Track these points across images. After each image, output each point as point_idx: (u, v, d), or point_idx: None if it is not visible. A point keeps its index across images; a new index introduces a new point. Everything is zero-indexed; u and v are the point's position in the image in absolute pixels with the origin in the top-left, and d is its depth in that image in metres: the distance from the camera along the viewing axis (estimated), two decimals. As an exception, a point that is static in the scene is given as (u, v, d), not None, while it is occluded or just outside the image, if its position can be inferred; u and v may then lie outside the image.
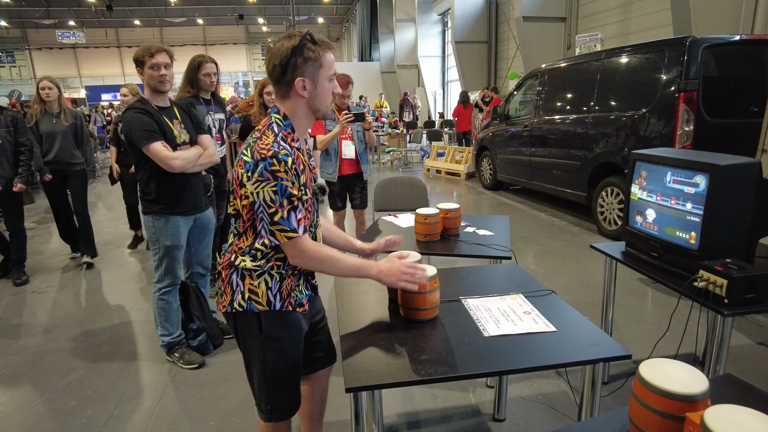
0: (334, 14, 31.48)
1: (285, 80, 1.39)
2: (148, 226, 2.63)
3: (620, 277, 3.90)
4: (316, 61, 1.38)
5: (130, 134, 2.46)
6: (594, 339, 1.45)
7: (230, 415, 2.38)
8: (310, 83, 1.40)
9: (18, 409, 2.49)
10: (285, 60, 1.35)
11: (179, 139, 2.59)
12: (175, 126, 2.60)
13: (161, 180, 2.54)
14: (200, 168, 2.69)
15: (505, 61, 13.51)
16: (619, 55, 5.04)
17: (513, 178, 7.15)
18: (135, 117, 2.46)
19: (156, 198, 2.57)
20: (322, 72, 1.40)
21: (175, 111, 2.66)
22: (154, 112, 2.52)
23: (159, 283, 2.70)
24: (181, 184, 2.61)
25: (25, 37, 32.02)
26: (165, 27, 32.45)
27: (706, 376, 1.00)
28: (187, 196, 2.65)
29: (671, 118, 4.31)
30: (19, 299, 3.95)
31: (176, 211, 2.61)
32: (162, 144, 2.47)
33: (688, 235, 1.92)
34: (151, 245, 2.68)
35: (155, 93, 2.55)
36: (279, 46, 1.36)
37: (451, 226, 2.59)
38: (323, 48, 1.39)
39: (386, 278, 1.49)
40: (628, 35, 8.55)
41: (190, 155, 2.57)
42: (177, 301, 2.79)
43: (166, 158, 2.45)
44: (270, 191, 1.33)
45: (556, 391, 2.47)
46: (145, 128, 2.44)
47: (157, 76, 2.47)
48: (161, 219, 2.59)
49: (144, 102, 2.55)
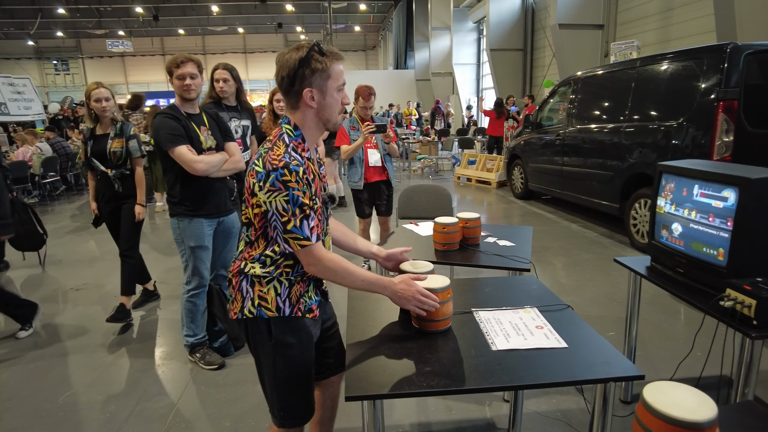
0: (370, 23, 31.79)
1: (293, 91, 1.41)
2: (174, 228, 2.72)
3: (651, 292, 3.76)
4: (323, 71, 1.39)
5: (157, 137, 2.57)
6: (606, 357, 1.40)
7: (245, 417, 2.41)
8: (318, 94, 1.41)
9: (46, 402, 2.60)
10: (293, 71, 1.37)
11: (205, 145, 2.68)
12: (202, 132, 2.69)
13: (186, 183, 2.64)
14: (225, 173, 2.75)
15: (541, 69, 13.32)
16: (655, 63, 4.88)
17: (544, 188, 7.02)
18: (163, 121, 2.57)
19: (181, 200, 2.66)
20: (330, 83, 1.41)
21: (204, 118, 2.75)
22: (182, 118, 2.63)
23: (188, 285, 2.79)
24: (206, 187, 2.69)
25: (79, 46, 33.75)
26: (207, 35, 33.55)
27: (715, 402, 0.95)
28: (211, 200, 2.72)
29: (709, 128, 4.13)
30: (57, 296, 4.13)
31: (200, 213, 2.69)
32: (187, 147, 2.56)
33: (716, 252, 1.83)
34: (177, 247, 2.77)
35: (184, 101, 2.65)
36: (287, 58, 1.38)
37: (471, 236, 2.55)
38: (331, 59, 1.40)
39: (399, 300, 1.50)
40: (669, 42, 8.29)
41: (214, 160, 2.65)
42: (204, 304, 2.87)
43: (189, 161, 2.54)
44: (282, 201, 1.35)
45: (575, 408, 2.39)
46: (172, 132, 2.54)
47: (183, 86, 2.58)
48: (185, 220, 2.68)
49: (174, 108, 2.66)
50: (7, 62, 32.17)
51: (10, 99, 10.40)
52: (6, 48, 32.19)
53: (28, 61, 33.23)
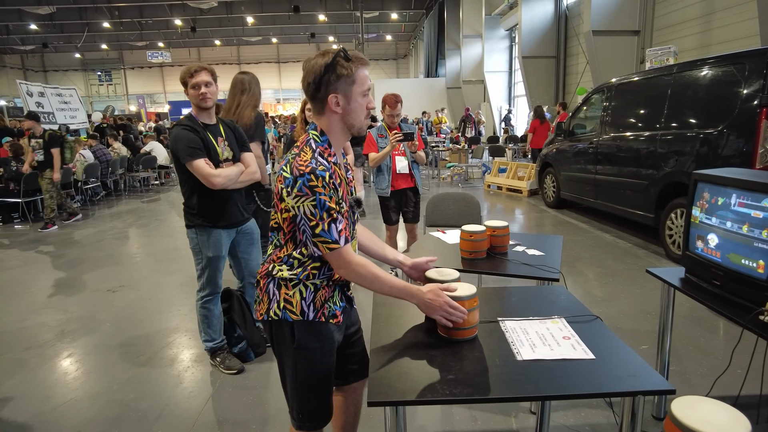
0: (402, 31, 31.95)
1: (319, 97, 1.43)
2: (191, 237, 2.74)
3: (687, 305, 3.63)
4: (348, 77, 1.41)
5: (176, 150, 2.57)
6: (634, 370, 1.36)
7: (270, 421, 2.44)
8: (343, 99, 1.43)
9: (85, 397, 2.71)
10: (318, 77, 1.40)
11: (222, 156, 2.68)
12: (219, 143, 2.69)
13: (203, 195, 2.65)
14: (242, 185, 2.77)
15: (575, 76, 13.09)
16: (694, 69, 4.73)
17: (577, 197, 6.87)
18: (181, 133, 2.57)
19: (198, 212, 2.68)
20: (355, 88, 1.43)
21: (221, 128, 2.75)
22: (200, 129, 2.63)
23: (201, 292, 2.83)
24: (223, 199, 2.70)
25: (121, 57, 35.20)
26: (242, 46, 34.43)
27: (753, 422, 0.92)
28: (229, 211, 2.74)
29: (752, 135, 3.98)
30: (99, 297, 4.30)
31: (218, 224, 2.72)
32: (205, 161, 2.56)
33: (756, 264, 1.76)
34: (194, 256, 2.79)
35: (200, 110, 2.65)
36: (313, 64, 1.41)
37: (499, 244, 2.52)
38: (356, 64, 1.42)
39: (426, 309, 1.50)
40: (709, 47, 8.03)
41: (231, 173, 2.65)
42: (219, 309, 2.91)
43: (208, 175, 2.55)
44: (310, 205, 1.37)
45: (605, 422, 2.32)
46: (190, 145, 2.54)
47: (199, 95, 2.58)
48: (204, 233, 2.70)
49: (191, 119, 2.66)
50: (56, 74, 33.86)
51: (57, 108, 10.94)
52: (55, 60, 33.89)
53: (75, 73, 34.84)
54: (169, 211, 8.32)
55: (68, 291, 4.48)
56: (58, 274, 5.00)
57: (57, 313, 3.95)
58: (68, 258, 5.56)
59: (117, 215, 8.10)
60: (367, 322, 1.68)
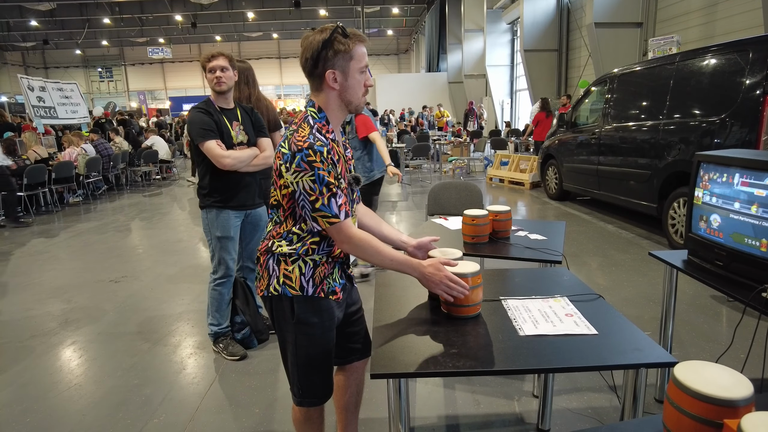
0: (403, 26, 31.84)
1: (317, 73, 1.43)
2: (203, 218, 2.81)
3: (691, 293, 3.62)
4: (346, 53, 1.41)
5: (190, 131, 2.66)
6: (638, 344, 1.36)
7: (274, 404, 2.45)
8: (340, 75, 1.43)
9: (90, 382, 2.72)
10: (316, 53, 1.40)
11: (235, 140, 2.73)
12: (234, 127, 2.74)
13: (216, 176, 2.71)
14: (255, 168, 2.80)
15: (577, 69, 13.03)
16: (696, 58, 4.71)
17: (579, 188, 6.86)
18: (196, 116, 2.66)
19: (210, 192, 2.74)
20: (353, 64, 1.44)
21: (238, 113, 2.80)
22: (215, 113, 2.70)
23: (214, 274, 2.86)
24: (234, 181, 2.75)
25: (122, 54, 35.16)
26: (243, 41, 34.35)
27: (751, 383, 0.92)
28: (240, 193, 2.78)
29: (755, 123, 3.96)
30: (102, 287, 4.31)
31: (228, 205, 2.76)
32: (216, 142, 2.62)
33: (759, 243, 1.76)
34: (206, 237, 2.85)
35: (217, 94, 2.71)
36: (311, 40, 1.41)
37: (501, 229, 2.52)
38: (354, 41, 1.42)
39: (427, 283, 1.50)
40: (712, 39, 7.97)
41: (242, 155, 2.70)
42: (230, 294, 2.93)
43: (218, 156, 2.61)
44: (308, 180, 1.38)
45: (608, 405, 2.33)
46: (203, 127, 2.62)
47: (214, 78, 2.65)
48: (213, 212, 2.75)
49: (208, 103, 2.73)
50: (57, 70, 33.83)
51: (58, 103, 10.94)
52: (56, 57, 33.86)
53: (76, 69, 34.81)
54: (171, 205, 8.33)
55: (72, 282, 4.49)
56: (62, 266, 5.01)
57: (61, 302, 3.96)
58: (71, 250, 5.57)
59: (119, 209, 8.11)
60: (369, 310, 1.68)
